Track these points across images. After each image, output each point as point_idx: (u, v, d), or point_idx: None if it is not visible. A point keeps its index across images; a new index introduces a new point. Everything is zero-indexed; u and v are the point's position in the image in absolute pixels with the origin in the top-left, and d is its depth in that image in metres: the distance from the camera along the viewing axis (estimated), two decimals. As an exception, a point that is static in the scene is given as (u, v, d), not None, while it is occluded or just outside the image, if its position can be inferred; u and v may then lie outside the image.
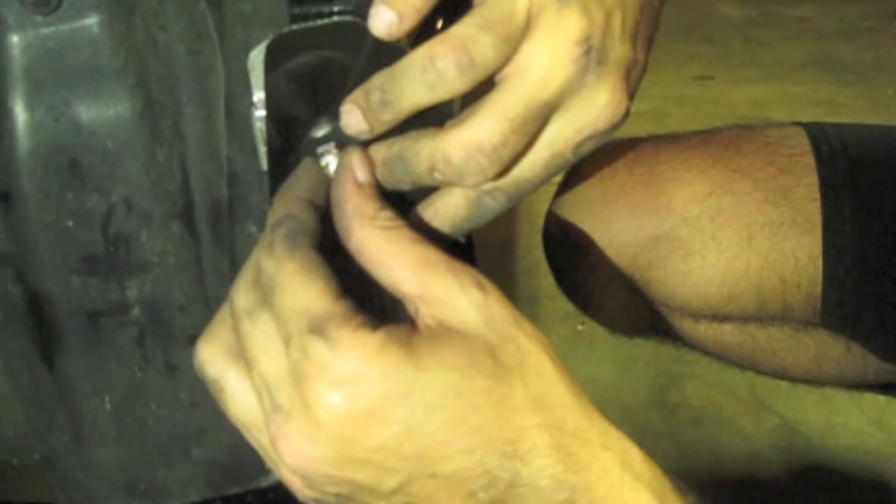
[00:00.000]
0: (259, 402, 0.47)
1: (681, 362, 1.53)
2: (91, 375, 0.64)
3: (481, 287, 0.48)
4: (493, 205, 0.52)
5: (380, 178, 0.52)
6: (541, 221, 0.97)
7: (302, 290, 0.46)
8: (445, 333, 0.47)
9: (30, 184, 0.59)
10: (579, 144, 0.51)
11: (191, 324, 0.64)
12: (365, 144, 0.52)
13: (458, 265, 0.48)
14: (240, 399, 0.48)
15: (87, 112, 0.58)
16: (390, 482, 0.46)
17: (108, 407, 0.65)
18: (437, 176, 0.50)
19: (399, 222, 0.49)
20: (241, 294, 0.48)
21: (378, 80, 0.50)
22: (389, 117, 0.50)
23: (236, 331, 0.48)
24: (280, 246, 0.47)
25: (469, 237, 0.57)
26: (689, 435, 1.47)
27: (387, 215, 0.49)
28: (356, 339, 0.45)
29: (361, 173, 0.51)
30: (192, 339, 0.64)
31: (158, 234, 0.61)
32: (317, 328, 0.45)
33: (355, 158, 0.51)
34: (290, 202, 0.50)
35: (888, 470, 1.40)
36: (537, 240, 0.98)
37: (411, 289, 0.48)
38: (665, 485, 0.50)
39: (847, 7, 3.23)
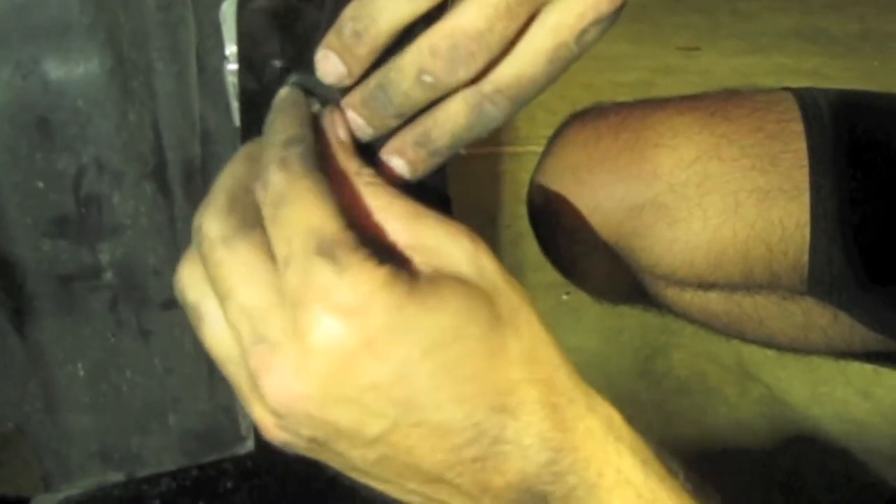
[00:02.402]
0: (234, 336, 0.45)
1: (666, 332, 1.53)
2: (63, 341, 0.63)
3: (472, 238, 0.47)
4: (495, 111, 0.50)
5: (361, 125, 0.50)
6: (525, 192, 0.96)
7: (314, 208, 0.44)
8: (444, 278, 0.45)
9: (-2, 144, 0.57)
10: (583, 32, 0.48)
11: (165, 288, 0.62)
12: (342, 94, 0.50)
13: (447, 218, 0.47)
14: (218, 330, 0.46)
15: (57, 69, 0.57)
16: (374, 428, 0.44)
17: (81, 373, 0.64)
18: (427, 79, 0.47)
19: (380, 179, 0.48)
20: (214, 221, 0.46)
21: (348, 11, 0.47)
22: (366, 49, 0.48)
23: (207, 260, 0.45)
24: (296, 162, 0.45)
25: (447, 198, 0.55)
26: (675, 405, 1.47)
27: (369, 171, 0.48)
28: (364, 269, 0.43)
29: (341, 131, 0.49)
30: (166, 304, 0.63)
31: (131, 195, 0.59)
32: (326, 250, 0.43)
33: (334, 117, 0.50)
34: (297, 123, 0.48)
35: (873, 440, 1.41)
36: (522, 210, 0.97)
37: (402, 239, 0.46)
38: (647, 449, 0.50)
39: (834, -22, 3.22)
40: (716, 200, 0.87)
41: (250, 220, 0.46)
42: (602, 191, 0.89)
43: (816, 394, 1.49)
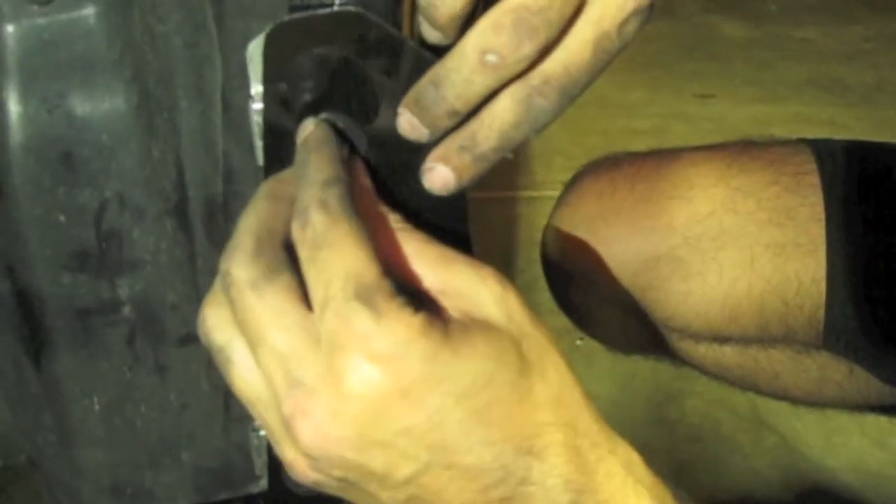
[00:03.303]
0: (266, 380, 0.46)
1: (680, 379, 1.52)
2: (80, 375, 0.63)
3: (500, 282, 0.47)
4: (545, 104, 0.50)
5: (416, 125, 0.51)
6: (540, 236, 0.96)
7: (354, 253, 0.44)
8: (474, 323, 0.46)
9: (21, 177, 0.57)
10: (624, 23, 0.49)
11: (183, 324, 0.62)
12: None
13: (476, 260, 0.47)
14: (248, 372, 0.46)
15: (82, 105, 0.57)
16: (405, 470, 0.45)
17: (96, 407, 0.63)
18: (490, 59, 0.47)
19: (409, 224, 0.48)
20: (242, 266, 0.46)
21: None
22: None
23: (236, 305, 0.46)
24: (336, 204, 0.45)
25: (469, 241, 0.55)
26: (688, 452, 1.46)
27: (396, 217, 0.49)
28: (401, 317, 0.43)
29: (364, 178, 0.50)
30: (183, 340, 0.63)
31: (152, 231, 0.60)
32: (364, 296, 0.43)
33: (357, 165, 0.50)
34: (332, 163, 0.48)
35: (889, 491, 1.40)
36: (537, 254, 0.97)
37: (432, 283, 0.47)
38: (665, 492, 0.50)
39: (849, 29, 3.24)
40: (731, 254, 0.87)
41: (278, 263, 0.46)
42: (617, 243, 0.88)
43: (831, 444, 1.48)
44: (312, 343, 0.44)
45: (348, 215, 0.45)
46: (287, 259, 0.46)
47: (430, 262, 0.47)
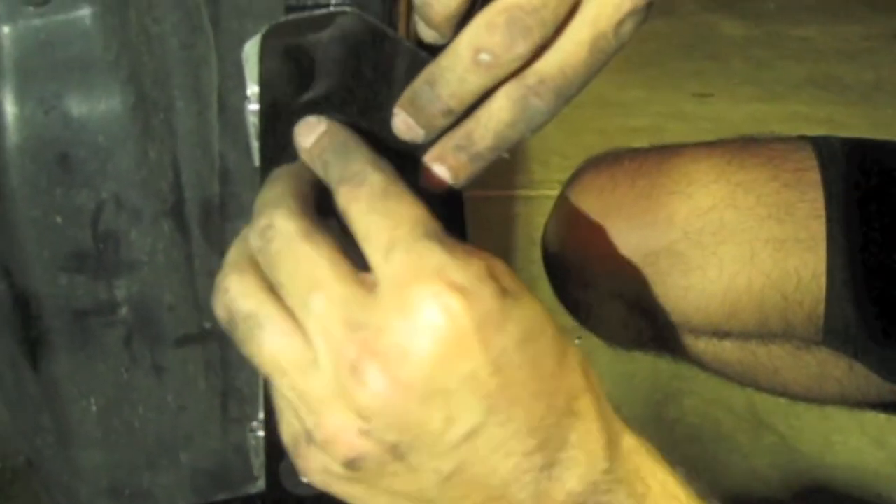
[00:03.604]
0: (310, 338, 0.44)
1: (678, 378, 1.53)
2: (77, 376, 0.63)
3: (509, 270, 0.47)
4: (540, 104, 0.50)
5: (412, 125, 0.51)
6: (539, 235, 0.96)
7: (418, 204, 0.45)
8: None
9: (18, 178, 0.57)
10: (620, 23, 0.49)
11: (180, 325, 0.62)
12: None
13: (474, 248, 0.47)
14: (281, 337, 0.45)
15: (79, 106, 0.57)
16: (463, 426, 0.44)
17: (94, 409, 0.63)
18: (484, 58, 0.47)
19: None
20: (289, 218, 0.45)
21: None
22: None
23: (283, 257, 0.45)
24: (391, 169, 0.46)
25: (465, 237, 0.55)
26: (687, 451, 1.46)
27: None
28: (469, 256, 0.43)
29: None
30: (180, 341, 0.63)
31: (148, 232, 0.59)
32: (434, 235, 0.43)
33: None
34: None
35: (888, 490, 1.40)
36: (535, 253, 0.97)
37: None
38: (678, 476, 0.51)
39: (848, 28, 3.23)
40: (731, 249, 0.87)
41: (319, 219, 0.46)
42: (617, 238, 0.88)
43: (830, 442, 1.48)
44: (370, 291, 0.44)
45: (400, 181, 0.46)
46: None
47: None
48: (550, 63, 0.49)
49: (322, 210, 0.47)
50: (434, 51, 0.50)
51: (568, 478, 0.46)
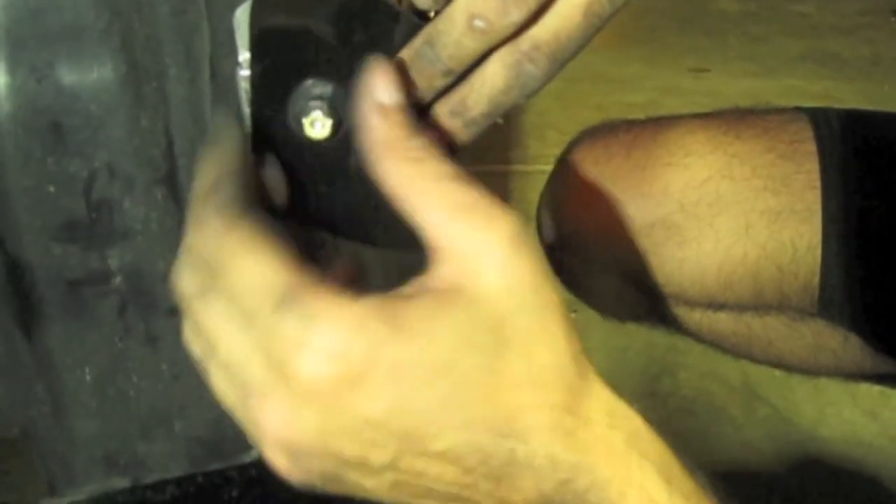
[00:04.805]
0: (232, 386, 0.44)
1: (673, 351, 1.53)
2: (71, 346, 0.63)
3: (514, 243, 0.44)
4: (534, 70, 0.48)
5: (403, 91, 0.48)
6: (534, 210, 0.96)
7: (253, 266, 0.42)
8: (444, 304, 0.43)
9: (11, 147, 0.57)
10: None
11: (173, 294, 0.62)
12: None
13: (498, 209, 0.44)
14: (219, 382, 0.45)
15: (70, 74, 0.57)
16: (379, 458, 0.43)
17: (88, 378, 0.63)
18: (478, 24, 0.46)
19: (432, 151, 0.45)
20: (186, 279, 0.44)
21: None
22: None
23: (188, 318, 0.44)
24: (214, 221, 0.43)
25: None
26: (681, 424, 1.46)
27: (418, 144, 0.45)
28: (331, 309, 0.41)
29: (384, 93, 0.47)
30: (174, 310, 0.62)
31: (141, 201, 0.59)
32: (284, 301, 0.41)
33: (377, 76, 0.47)
34: (216, 165, 0.46)
35: (881, 462, 1.40)
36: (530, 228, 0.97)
37: (436, 234, 0.44)
38: (673, 465, 0.49)
39: (845, 3, 3.23)
40: (727, 220, 0.86)
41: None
42: (612, 209, 0.88)
43: (823, 415, 1.49)
44: (261, 355, 0.42)
45: (229, 229, 0.43)
46: None
47: (442, 211, 0.44)
48: (545, 29, 0.49)
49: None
50: (429, 19, 0.50)
51: (521, 487, 0.45)
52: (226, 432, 0.67)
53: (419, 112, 0.51)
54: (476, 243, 0.44)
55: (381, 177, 0.45)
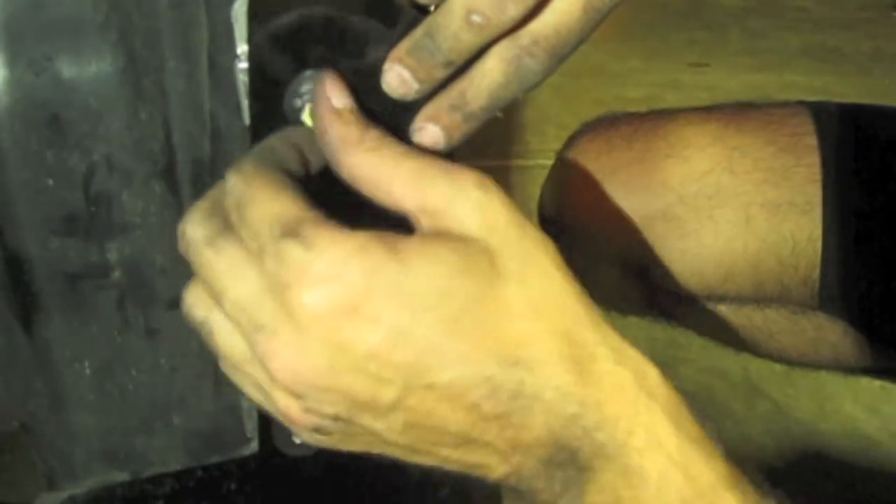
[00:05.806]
0: (241, 333, 0.46)
1: (673, 346, 1.53)
2: (70, 339, 0.62)
3: (482, 186, 0.46)
4: (533, 64, 0.49)
5: (408, 79, 0.50)
6: (534, 205, 0.96)
7: (272, 200, 0.44)
8: (439, 237, 0.45)
9: (9, 140, 0.57)
10: None
11: (172, 287, 0.62)
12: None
13: (456, 167, 0.46)
14: (227, 335, 0.47)
15: (69, 67, 0.57)
16: (387, 395, 0.44)
17: (87, 372, 0.63)
18: (475, 19, 0.47)
19: (386, 139, 0.47)
20: (198, 226, 0.47)
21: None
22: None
23: (195, 265, 0.47)
24: (248, 164, 0.46)
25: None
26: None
27: (373, 136, 0.47)
28: (333, 238, 0.43)
29: (336, 99, 0.48)
30: (173, 303, 0.63)
31: (140, 194, 0.59)
32: (290, 231, 0.43)
33: (328, 85, 0.49)
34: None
35: (881, 457, 1.40)
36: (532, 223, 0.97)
37: (410, 204, 0.46)
38: (682, 408, 0.48)
39: (846, -2, 3.23)
40: (727, 213, 0.86)
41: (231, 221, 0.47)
42: (613, 201, 0.88)
43: (824, 410, 1.49)
44: (267, 287, 0.44)
45: (259, 169, 0.46)
46: None
47: (407, 181, 0.46)
48: (544, 23, 0.49)
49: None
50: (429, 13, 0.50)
51: (531, 424, 0.45)
52: (226, 426, 0.67)
53: (413, 111, 0.51)
54: (447, 196, 0.46)
55: (347, 174, 0.47)
